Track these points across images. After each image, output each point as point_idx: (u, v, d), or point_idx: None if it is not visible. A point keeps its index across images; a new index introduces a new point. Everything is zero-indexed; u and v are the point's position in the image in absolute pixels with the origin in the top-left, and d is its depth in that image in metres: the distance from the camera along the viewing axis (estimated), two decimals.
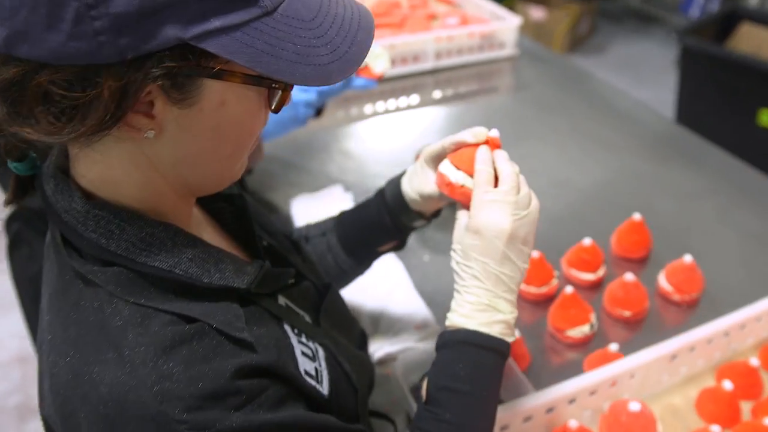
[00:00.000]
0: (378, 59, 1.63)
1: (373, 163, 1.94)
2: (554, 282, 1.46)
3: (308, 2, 0.70)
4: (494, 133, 0.97)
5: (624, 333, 1.40)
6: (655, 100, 3.63)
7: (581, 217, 1.73)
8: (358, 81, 1.61)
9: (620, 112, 2.18)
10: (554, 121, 2.13)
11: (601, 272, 1.49)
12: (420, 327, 1.36)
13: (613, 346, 1.25)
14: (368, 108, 2.19)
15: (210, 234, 0.88)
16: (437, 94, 2.29)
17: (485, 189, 0.89)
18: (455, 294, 0.91)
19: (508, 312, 0.88)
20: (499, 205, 0.88)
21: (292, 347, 0.79)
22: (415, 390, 1.21)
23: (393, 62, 2.26)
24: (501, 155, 0.94)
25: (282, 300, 0.85)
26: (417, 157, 1.14)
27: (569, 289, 1.35)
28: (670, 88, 4.10)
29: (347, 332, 0.99)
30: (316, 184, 1.80)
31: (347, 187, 1.79)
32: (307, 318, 0.89)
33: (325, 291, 0.97)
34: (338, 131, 2.08)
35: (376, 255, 1.19)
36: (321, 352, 0.85)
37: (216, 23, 0.62)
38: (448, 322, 0.91)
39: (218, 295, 0.73)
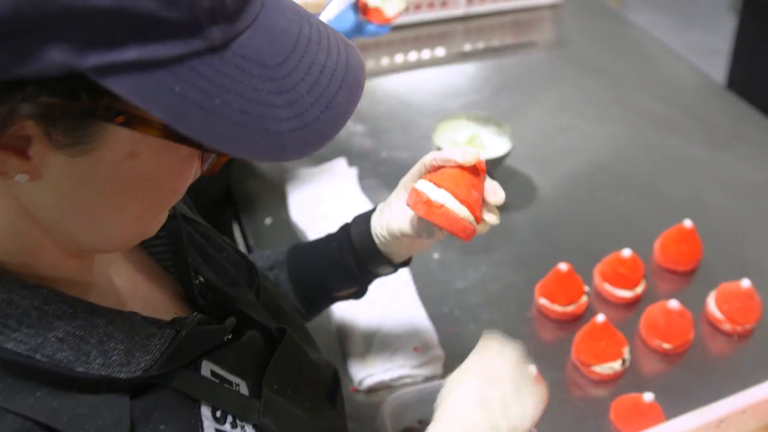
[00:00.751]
0: None
1: (385, 130, 1.70)
2: (583, 299, 1.24)
3: (277, 38, 0.51)
4: (482, 157, 0.83)
5: (660, 367, 1.19)
6: (705, 47, 3.30)
7: (621, 214, 1.49)
8: (369, 27, 1.37)
9: (672, 81, 1.91)
10: (597, 89, 1.87)
11: (639, 289, 1.27)
12: (419, 348, 1.16)
13: (648, 396, 1.05)
14: (385, 61, 1.93)
15: (126, 272, 0.70)
16: (467, 46, 2.02)
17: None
18: None
19: None
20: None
21: None
22: None
23: (418, 6, 1.99)
24: None
25: (207, 368, 0.66)
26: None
27: (600, 318, 1.13)
28: (723, 35, 3.74)
29: (306, 391, 0.79)
30: (316, 154, 1.57)
31: (353, 161, 1.57)
32: (244, 387, 0.69)
33: (277, 338, 0.78)
34: None
35: (330, 302, 1.03)
36: None
37: (131, 53, 0.43)
38: None
39: (100, 386, 0.55)
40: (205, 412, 0.62)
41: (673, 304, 1.17)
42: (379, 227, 0.89)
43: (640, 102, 1.81)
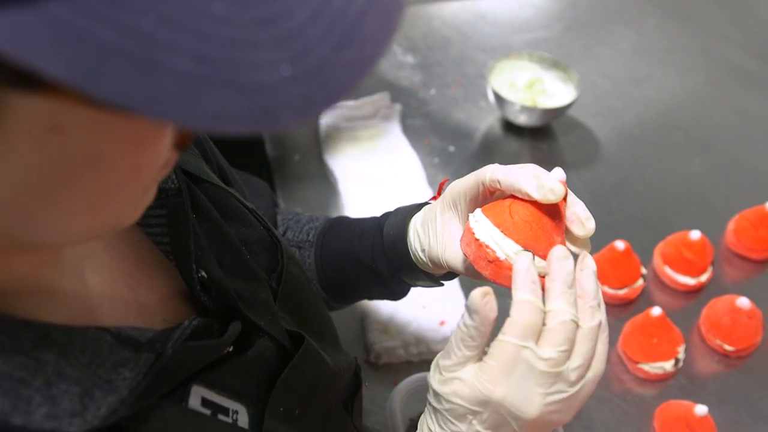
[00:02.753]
0: None
1: (438, 63, 1.53)
2: (639, 283, 1.09)
3: None
4: (560, 192, 0.58)
5: (718, 370, 1.04)
6: None
7: (694, 186, 1.31)
8: None
9: None
10: (682, 35, 1.65)
11: (704, 277, 1.11)
12: (446, 323, 1.03)
13: (701, 409, 0.91)
14: None
15: (108, 264, 0.55)
16: None
17: (523, 344, 0.53)
18: None
19: None
20: (532, 375, 0.53)
21: None
22: (412, 429, 0.91)
23: None
24: (563, 269, 0.55)
25: (198, 395, 0.52)
26: (437, 194, 0.74)
27: (656, 312, 0.99)
28: None
29: (319, 406, 0.67)
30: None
31: (397, 96, 1.41)
32: (243, 414, 0.56)
33: (292, 349, 0.63)
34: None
35: (362, 298, 0.88)
36: None
37: None
38: None
39: None
40: None
41: (743, 302, 1.01)
42: (419, 249, 0.71)
43: (731, 55, 1.59)
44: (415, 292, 1.05)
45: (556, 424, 0.55)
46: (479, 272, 0.59)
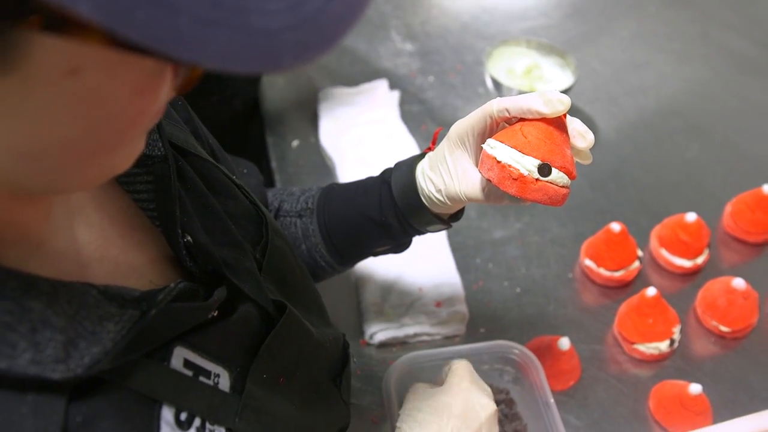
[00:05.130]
0: None
1: (436, 51, 1.53)
2: (635, 265, 1.09)
3: None
4: (567, 101, 0.64)
5: (713, 351, 1.05)
6: None
7: (690, 170, 1.31)
8: None
9: None
10: (681, 21, 1.65)
11: (701, 259, 1.11)
12: (442, 304, 1.04)
13: (695, 388, 0.91)
14: None
15: (98, 224, 0.56)
16: None
17: None
18: None
19: None
20: None
21: None
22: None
23: None
24: None
25: (180, 356, 0.53)
26: (433, 142, 0.80)
27: (651, 292, 0.99)
28: None
29: (304, 378, 0.67)
30: (355, 73, 1.42)
31: (395, 83, 1.42)
32: (225, 378, 0.57)
33: (275, 316, 0.64)
34: None
35: (365, 257, 0.88)
36: None
37: None
38: None
39: (28, 386, 0.43)
40: (167, 415, 0.50)
41: (738, 283, 1.02)
42: (434, 191, 0.74)
43: (730, 41, 1.59)
44: (412, 273, 1.06)
45: None
46: (504, 191, 0.64)
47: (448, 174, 0.72)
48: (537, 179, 0.63)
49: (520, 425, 0.92)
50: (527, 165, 0.62)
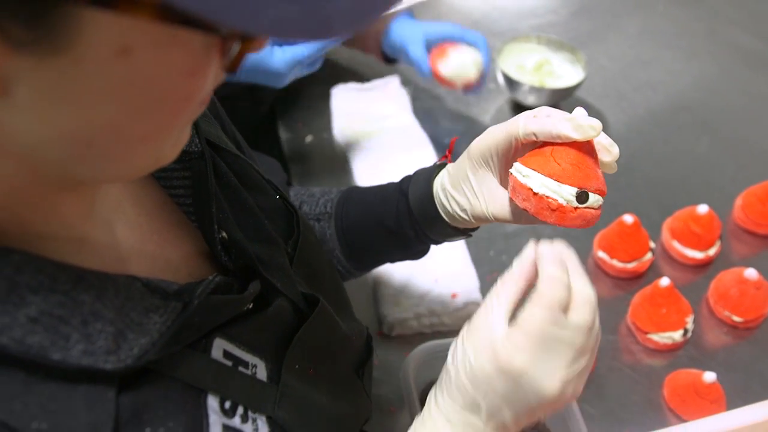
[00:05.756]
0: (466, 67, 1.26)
1: None
2: (647, 256, 1.11)
3: None
4: (598, 126, 0.60)
5: (726, 341, 1.06)
6: None
7: (701, 164, 1.33)
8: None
9: None
10: (689, 19, 1.67)
11: (712, 251, 1.13)
12: (458, 295, 1.05)
13: (709, 376, 0.92)
14: None
15: (135, 219, 0.57)
16: None
17: (554, 314, 0.55)
18: (432, 409, 0.62)
19: None
20: (557, 348, 0.55)
21: None
22: (425, 397, 0.93)
23: None
24: (574, 256, 0.61)
25: (220, 347, 0.54)
26: (448, 152, 0.78)
27: (665, 282, 1.00)
28: None
29: (332, 368, 0.69)
30: (367, 70, 1.44)
31: (407, 80, 1.43)
32: (262, 368, 0.58)
33: (306, 310, 0.65)
34: None
35: (384, 262, 0.88)
36: None
37: None
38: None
39: (80, 377, 0.43)
40: (212, 403, 0.51)
41: (750, 273, 1.03)
42: (458, 210, 0.71)
43: (737, 38, 1.61)
44: (427, 265, 1.07)
45: (569, 400, 0.57)
46: (543, 221, 0.62)
47: (473, 194, 0.69)
48: (576, 207, 0.61)
49: None
50: (565, 194, 0.60)
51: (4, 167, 0.42)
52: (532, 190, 0.61)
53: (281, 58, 0.96)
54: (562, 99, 1.36)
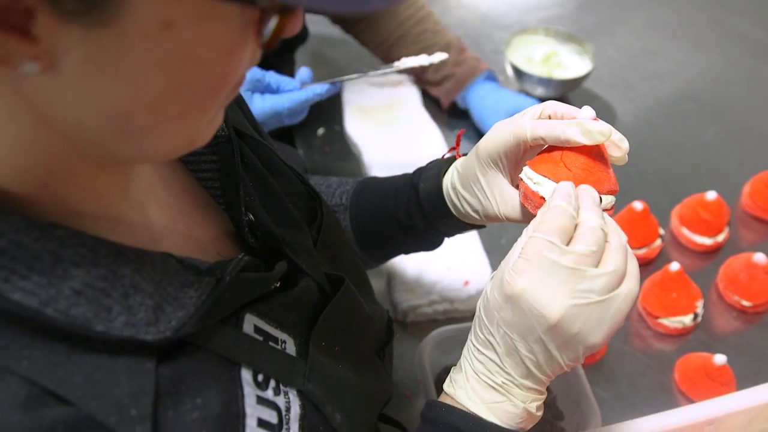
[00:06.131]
0: None
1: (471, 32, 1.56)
2: (657, 243, 1.12)
3: None
4: (607, 132, 0.60)
5: (736, 326, 1.07)
6: None
7: (709, 152, 1.34)
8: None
9: None
10: (695, 9, 1.68)
11: (721, 237, 1.14)
12: (470, 282, 1.07)
13: (720, 358, 0.94)
14: None
15: (165, 201, 0.59)
16: None
17: (548, 242, 0.56)
18: (465, 354, 0.63)
19: (523, 401, 0.60)
20: (558, 273, 0.55)
21: (242, 421, 0.51)
22: (439, 381, 0.95)
23: None
24: (590, 192, 0.59)
25: (251, 322, 0.56)
26: (457, 143, 0.79)
27: (674, 267, 1.02)
28: None
29: (356, 348, 0.70)
30: (377, 62, 1.45)
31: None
32: (291, 344, 0.60)
33: (331, 291, 0.67)
34: None
35: (399, 254, 0.89)
36: (296, 409, 0.57)
37: None
38: (446, 387, 0.63)
39: (122, 348, 0.45)
40: (246, 376, 0.53)
41: (759, 257, 1.04)
42: (470, 211, 0.72)
43: (743, 27, 1.62)
44: (440, 253, 1.09)
45: (584, 342, 0.56)
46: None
47: (484, 196, 0.70)
48: None
49: (549, 396, 0.95)
50: None
51: (48, 144, 0.44)
52: (544, 198, 0.61)
53: (260, 106, 0.96)
54: (570, 90, 1.38)
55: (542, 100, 1.37)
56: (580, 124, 0.60)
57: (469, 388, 0.60)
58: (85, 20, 0.36)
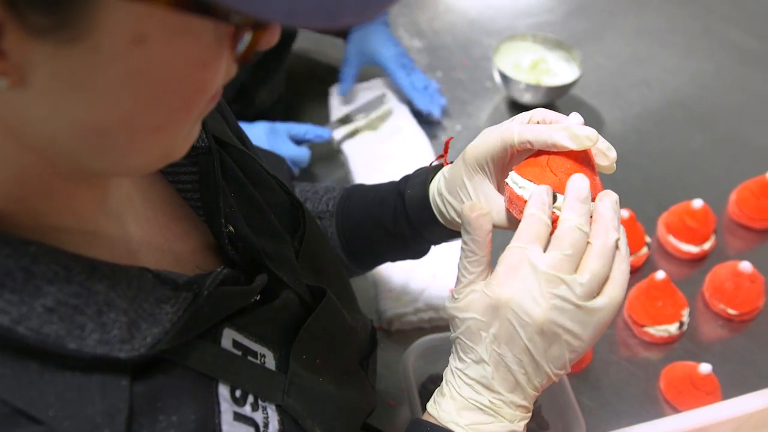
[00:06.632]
0: None
1: (444, 47, 1.56)
2: (643, 251, 1.12)
3: None
4: (594, 137, 0.59)
5: (722, 334, 1.07)
6: None
7: (696, 160, 1.34)
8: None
9: None
10: (684, 17, 1.68)
11: (707, 245, 1.14)
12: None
13: (705, 368, 0.93)
14: None
15: (144, 213, 0.58)
16: None
17: (524, 249, 0.56)
18: (447, 375, 0.62)
19: (511, 420, 0.59)
20: (537, 280, 0.55)
21: None
22: (424, 390, 0.94)
23: None
24: (575, 186, 0.58)
25: (229, 337, 0.55)
26: (445, 151, 0.78)
27: (660, 275, 1.01)
28: None
29: (338, 360, 0.70)
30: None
31: None
32: (270, 358, 0.59)
33: (312, 302, 0.66)
34: None
35: (385, 261, 0.88)
36: (274, 425, 0.56)
37: None
38: (429, 408, 0.63)
39: (95, 366, 0.44)
40: (223, 392, 0.52)
41: (745, 266, 1.04)
42: (456, 216, 0.71)
43: (732, 35, 1.62)
44: (426, 261, 1.09)
45: (569, 348, 0.56)
46: None
47: (469, 200, 0.68)
48: None
49: (534, 405, 0.95)
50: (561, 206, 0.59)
51: (20, 158, 0.43)
52: (527, 201, 0.60)
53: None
54: (558, 97, 1.38)
55: (530, 107, 1.38)
56: (567, 129, 0.60)
57: (453, 410, 0.60)
58: (54, 36, 0.35)
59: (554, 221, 0.58)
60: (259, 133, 1.16)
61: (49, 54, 0.36)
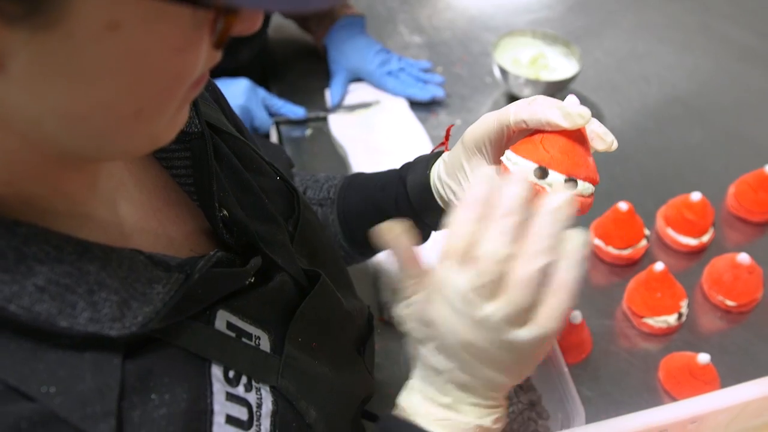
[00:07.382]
0: None
1: (443, 43, 1.57)
2: (642, 243, 1.13)
3: None
4: (587, 114, 0.60)
5: (720, 325, 1.08)
6: None
7: (694, 154, 1.35)
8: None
9: None
10: (682, 13, 1.69)
11: (706, 237, 1.15)
12: None
13: (704, 358, 0.94)
14: None
15: (137, 198, 0.58)
16: None
17: (444, 264, 0.54)
18: (417, 366, 0.63)
19: (477, 417, 0.59)
20: (458, 300, 0.53)
21: (210, 418, 0.51)
22: None
23: None
24: (504, 194, 0.54)
25: (223, 318, 0.56)
26: (445, 139, 0.79)
27: (659, 267, 1.02)
28: None
29: (335, 344, 0.70)
30: None
31: None
32: (266, 340, 0.60)
33: (308, 285, 0.67)
34: None
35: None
36: (268, 405, 0.57)
37: None
38: (399, 399, 0.63)
39: (87, 344, 0.45)
40: (216, 372, 0.53)
41: (743, 257, 1.05)
42: (454, 198, 0.72)
43: (730, 31, 1.63)
44: (427, 252, 1.09)
45: (504, 366, 0.56)
46: None
47: (467, 181, 0.70)
48: (579, 194, 0.60)
49: (534, 395, 0.96)
50: (552, 181, 0.60)
51: (7, 142, 0.43)
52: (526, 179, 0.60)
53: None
54: (557, 91, 1.38)
55: None
56: (561, 107, 0.61)
57: (418, 403, 0.61)
58: (27, 23, 0.35)
59: (580, 202, 0.59)
60: (240, 89, 1.20)
61: (24, 40, 0.36)
